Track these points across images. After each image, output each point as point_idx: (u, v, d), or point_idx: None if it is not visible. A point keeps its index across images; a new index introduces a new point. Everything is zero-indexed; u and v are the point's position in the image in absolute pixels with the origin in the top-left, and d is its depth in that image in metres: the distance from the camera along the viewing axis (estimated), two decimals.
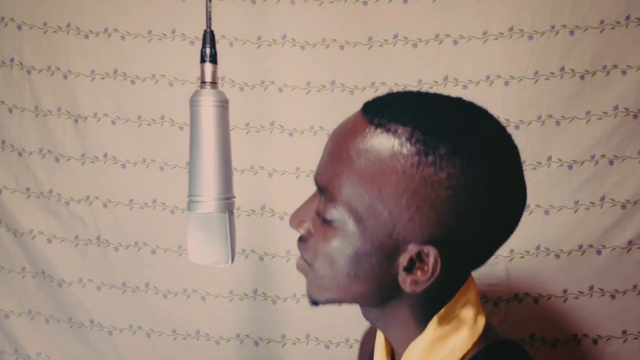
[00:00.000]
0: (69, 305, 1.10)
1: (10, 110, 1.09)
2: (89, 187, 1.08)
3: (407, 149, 0.42)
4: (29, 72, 1.07)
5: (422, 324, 0.50)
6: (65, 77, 1.06)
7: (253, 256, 1.06)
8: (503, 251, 0.99)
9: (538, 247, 0.99)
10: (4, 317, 1.12)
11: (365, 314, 0.54)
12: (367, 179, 0.43)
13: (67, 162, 1.08)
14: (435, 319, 0.49)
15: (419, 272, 0.45)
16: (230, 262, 0.60)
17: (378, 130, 0.43)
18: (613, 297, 0.98)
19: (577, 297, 0.99)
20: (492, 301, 1.00)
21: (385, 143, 0.42)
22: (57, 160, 1.09)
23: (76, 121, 1.07)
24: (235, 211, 1.05)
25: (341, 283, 0.48)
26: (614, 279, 0.98)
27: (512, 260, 0.99)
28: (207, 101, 0.58)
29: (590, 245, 0.97)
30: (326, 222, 0.47)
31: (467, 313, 0.49)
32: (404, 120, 0.43)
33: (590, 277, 0.98)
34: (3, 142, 1.10)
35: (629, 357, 0.98)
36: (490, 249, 0.48)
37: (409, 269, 0.45)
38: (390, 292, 0.48)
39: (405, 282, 0.45)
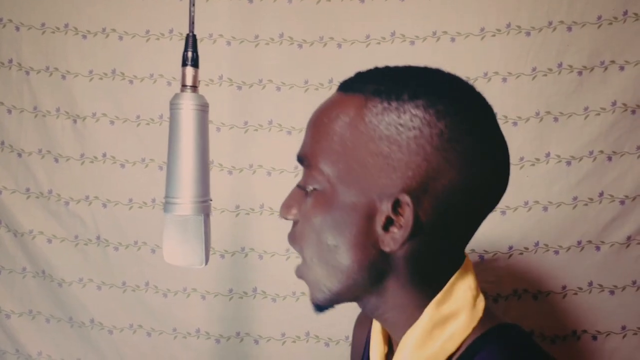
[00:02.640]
0: (69, 304, 1.11)
1: (9, 111, 1.09)
2: (88, 187, 1.09)
3: (371, 102, 0.45)
4: (27, 72, 1.07)
5: (420, 309, 0.48)
6: (63, 77, 1.07)
7: (253, 254, 1.07)
8: (502, 247, 0.99)
9: (537, 244, 0.99)
10: (5, 317, 1.13)
11: (364, 308, 0.53)
12: (338, 137, 0.46)
13: (66, 162, 1.09)
14: (432, 304, 0.48)
15: (395, 229, 0.45)
16: (204, 264, 0.61)
17: (347, 95, 0.47)
18: (612, 292, 0.98)
19: (576, 293, 0.99)
20: (491, 298, 1.01)
21: (352, 101, 0.46)
22: (56, 160, 1.09)
23: (75, 121, 1.07)
24: (234, 210, 1.06)
25: (331, 265, 0.48)
26: (613, 274, 0.98)
27: (510, 256, 0.99)
28: (187, 105, 0.59)
29: (589, 241, 0.98)
30: (309, 195, 0.48)
31: (466, 296, 0.48)
32: (369, 80, 0.46)
33: (589, 273, 0.98)
34: (2, 143, 1.10)
35: (628, 352, 0.98)
36: (470, 208, 0.46)
37: (387, 227, 0.45)
38: (378, 265, 0.47)
39: (384, 241, 0.45)
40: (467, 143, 0.44)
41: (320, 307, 0.52)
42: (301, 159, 0.50)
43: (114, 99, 1.06)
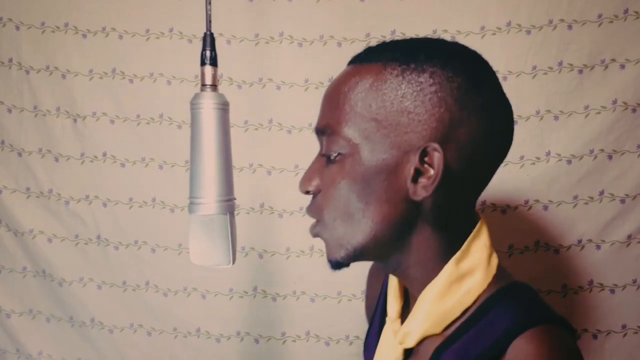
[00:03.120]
0: (69, 304, 1.11)
1: (9, 110, 1.09)
2: (88, 186, 1.09)
3: (390, 66, 0.48)
4: (27, 72, 1.07)
5: (440, 266, 0.51)
6: (63, 76, 1.07)
7: (253, 254, 1.07)
8: (502, 246, 0.99)
9: (537, 242, 0.99)
10: (5, 317, 1.13)
11: (386, 266, 0.55)
12: (360, 101, 0.48)
13: (66, 162, 1.09)
14: (452, 261, 0.50)
15: (424, 179, 0.48)
16: (231, 263, 0.61)
17: (363, 65, 0.50)
18: (612, 291, 0.98)
19: (576, 292, 0.99)
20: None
21: (370, 69, 0.49)
22: (56, 159, 1.09)
23: (75, 121, 1.07)
24: (235, 209, 1.06)
25: (357, 222, 0.49)
26: (613, 273, 0.98)
27: (511, 256, 0.99)
28: (208, 104, 0.59)
29: (590, 240, 0.97)
30: (331, 162, 0.51)
31: (482, 254, 0.51)
32: (383, 49, 0.50)
33: (589, 272, 0.98)
34: (2, 142, 1.10)
35: (628, 351, 0.98)
36: (489, 156, 0.51)
37: (415, 179, 0.48)
38: (406, 220, 0.49)
39: (415, 191, 0.48)
40: (483, 95, 0.48)
41: (338, 264, 0.53)
42: (321, 129, 0.52)
43: (114, 98, 1.06)
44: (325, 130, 0.51)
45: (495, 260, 0.52)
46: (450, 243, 0.51)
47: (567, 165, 0.97)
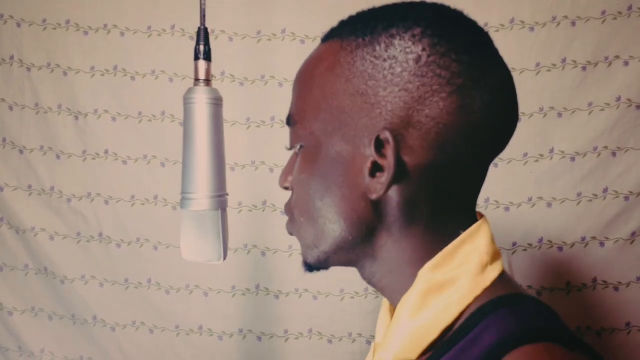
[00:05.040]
0: (71, 301, 1.11)
1: (11, 108, 1.09)
2: (90, 183, 1.08)
3: (346, 42, 0.42)
4: (28, 69, 1.07)
5: (416, 274, 0.42)
6: (65, 73, 1.06)
7: (255, 251, 1.06)
8: (505, 244, 0.99)
9: (541, 240, 0.98)
10: (8, 314, 1.13)
11: (362, 275, 0.48)
12: (317, 87, 0.43)
13: (68, 159, 1.08)
14: (426, 267, 0.41)
15: (382, 173, 0.40)
16: (222, 259, 0.60)
17: (325, 43, 0.44)
18: (616, 289, 0.98)
19: (580, 290, 0.98)
20: None
21: (329, 48, 0.43)
22: (58, 157, 1.09)
23: (76, 118, 1.07)
24: (237, 206, 1.06)
25: (317, 222, 0.44)
26: (617, 270, 0.97)
27: (514, 252, 0.99)
28: (201, 98, 0.58)
29: (593, 237, 0.97)
30: (298, 152, 0.46)
31: (471, 261, 0.41)
32: (346, 22, 0.44)
33: (593, 269, 0.98)
34: (4, 140, 1.10)
35: (632, 349, 0.98)
36: (471, 147, 0.40)
37: (373, 173, 0.41)
38: (368, 219, 0.42)
39: (370, 188, 0.41)
40: (452, 68, 0.39)
41: (310, 267, 0.48)
42: (287, 119, 0.47)
43: (115, 95, 1.06)
44: (289, 119, 0.47)
45: (494, 272, 0.41)
46: (432, 248, 0.42)
47: (570, 162, 0.97)
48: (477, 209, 0.46)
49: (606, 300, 0.98)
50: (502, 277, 0.42)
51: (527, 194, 0.98)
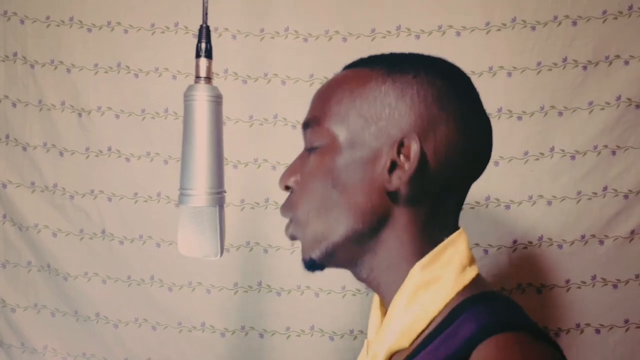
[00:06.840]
0: (74, 298, 1.11)
1: (14, 105, 1.09)
2: (93, 181, 1.09)
3: (377, 69, 0.51)
4: (32, 66, 1.07)
5: (409, 270, 0.50)
6: (68, 71, 1.07)
7: (257, 248, 1.07)
8: (506, 242, 1.00)
9: (541, 238, 0.99)
10: (11, 311, 1.13)
11: (358, 273, 0.54)
12: (346, 98, 0.50)
13: (71, 156, 1.09)
14: (417, 266, 0.49)
15: (400, 170, 0.48)
16: (219, 255, 0.61)
17: (353, 70, 0.53)
18: (615, 286, 0.99)
19: (579, 287, 0.99)
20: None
21: (359, 72, 0.52)
22: (61, 154, 1.09)
23: (80, 115, 1.07)
24: (239, 204, 1.07)
25: (331, 214, 0.50)
26: (616, 268, 0.98)
27: (515, 250, 1.00)
28: (201, 96, 0.59)
29: (593, 236, 0.98)
30: (312, 154, 0.52)
31: (454, 263, 0.49)
32: (374, 58, 0.53)
33: (592, 267, 0.99)
34: (7, 137, 1.10)
35: (631, 346, 0.99)
36: (464, 164, 0.51)
37: (391, 170, 0.48)
38: (379, 209, 0.49)
39: (390, 181, 0.48)
40: (463, 103, 0.50)
41: (312, 263, 0.52)
42: (307, 122, 0.53)
43: (119, 93, 1.06)
44: (310, 122, 0.53)
45: (471, 273, 0.49)
46: (424, 248, 0.50)
47: (571, 160, 0.98)
48: (479, 207, 0.53)
49: (605, 298, 0.98)
50: (479, 278, 0.50)
51: (528, 192, 0.99)
